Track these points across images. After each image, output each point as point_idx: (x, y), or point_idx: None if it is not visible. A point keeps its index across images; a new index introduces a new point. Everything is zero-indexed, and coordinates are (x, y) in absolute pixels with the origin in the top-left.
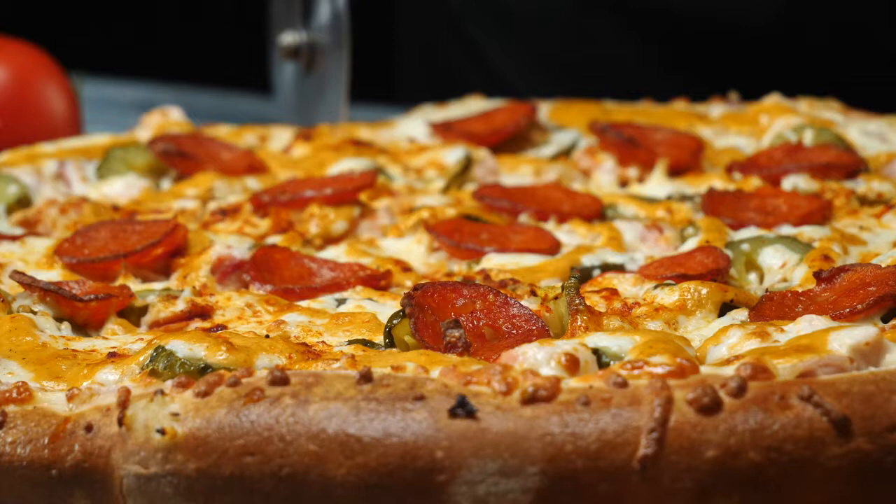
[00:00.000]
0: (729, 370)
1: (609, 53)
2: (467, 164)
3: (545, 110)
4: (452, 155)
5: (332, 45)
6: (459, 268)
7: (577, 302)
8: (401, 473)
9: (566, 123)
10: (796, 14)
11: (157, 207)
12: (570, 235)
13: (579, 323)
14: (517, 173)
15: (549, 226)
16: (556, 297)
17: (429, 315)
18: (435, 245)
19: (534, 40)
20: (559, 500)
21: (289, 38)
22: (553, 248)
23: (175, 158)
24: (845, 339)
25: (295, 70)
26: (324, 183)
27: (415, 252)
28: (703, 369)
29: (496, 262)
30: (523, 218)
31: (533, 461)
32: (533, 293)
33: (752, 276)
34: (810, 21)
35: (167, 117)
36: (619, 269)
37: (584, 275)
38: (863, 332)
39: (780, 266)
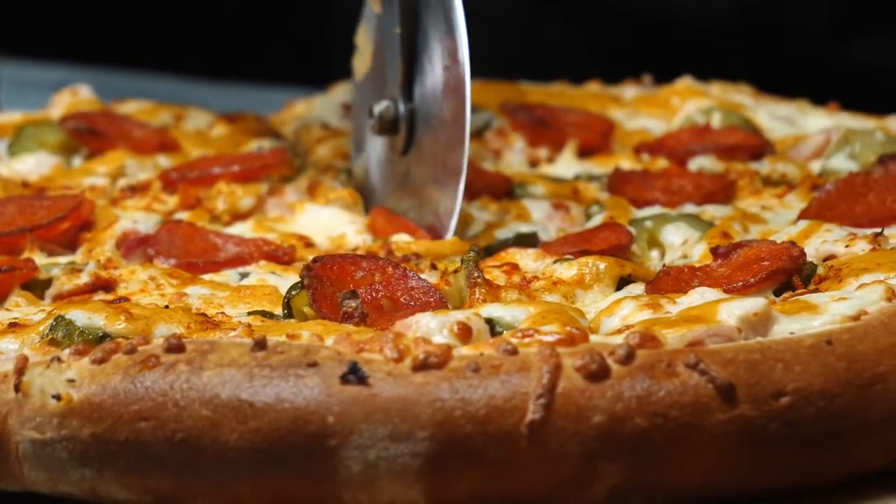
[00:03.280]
0: (618, 339)
1: (530, 35)
2: None
3: None
4: None
5: (443, 121)
6: (364, 242)
7: (476, 275)
8: (292, 438)
9: (481, 104)
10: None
11: (67, 184)
12: (479, 212)
13: (477, 296)
14: None
15: None
16: (455, 271)
17: (327, 287)
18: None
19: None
20: (449, 464)
21: (382, 107)
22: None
23: (86, 136)
24: (734, 309)
25: (387, 147)
26: (232, 160)
27: (319, 226)
28: (594, 338)
29: (401, 238)
30: None
31: (422, 426)
32: (433, 267)
33: (655, 253)
34: (731, 9)
35: (77, 96)
36: (531, 239)
37: (493, 249)
38: (752, 303)
39: (681, 243)
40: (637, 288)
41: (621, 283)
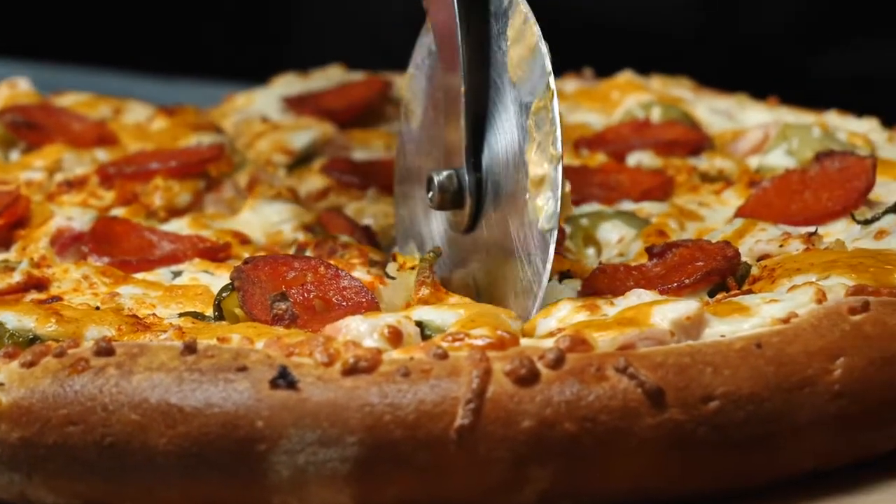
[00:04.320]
0: (549, 342)
1: None
2: (314, 150)
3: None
4: (299, 139)
5: (519, 196)
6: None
7: (426, 275)
8: (221, 443)
9: None
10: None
11: (4, 179)
12: None
13: (421, 294)
14: (369, 148)
15: None
16: (412, 267)
17: (258, 288)
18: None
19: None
20: (378, 468)
21: (442, 177)
22: None
23: (24, 130)
24: (667, 312)
25: (449, 226)
26: (170, 155)
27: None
28: (525, 342)
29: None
30: (371, 192)
31: (352, 431)
32: (393, 259)
33: (591, 251)
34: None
35: (16, 89)
36: None
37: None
38: (684, 307)
39: (617, 240)
40: (575, 283)
41: (561, 277)
